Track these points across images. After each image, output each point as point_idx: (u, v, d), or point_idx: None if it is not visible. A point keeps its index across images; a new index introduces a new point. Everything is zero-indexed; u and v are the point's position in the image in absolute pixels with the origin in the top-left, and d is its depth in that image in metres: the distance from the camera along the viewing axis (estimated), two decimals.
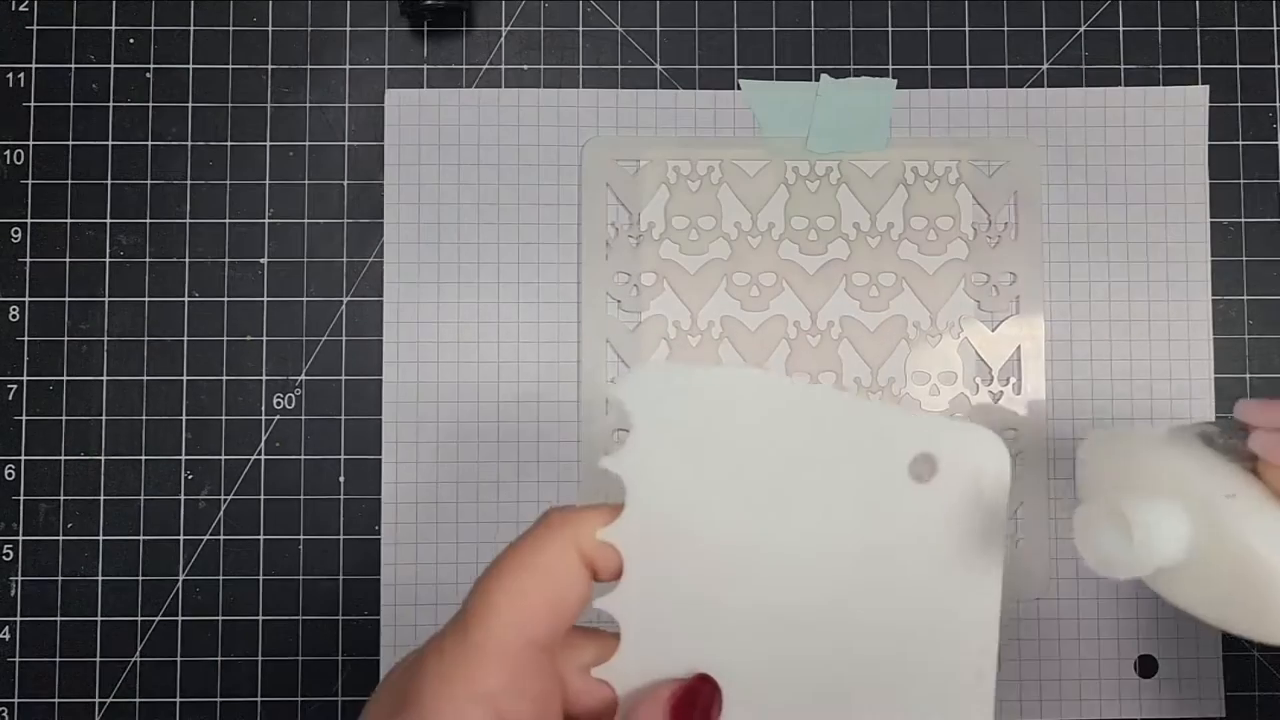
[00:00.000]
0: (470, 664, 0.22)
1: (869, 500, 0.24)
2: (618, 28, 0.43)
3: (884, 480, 0.24)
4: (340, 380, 0.42)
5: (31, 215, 0.43)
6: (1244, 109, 0.43)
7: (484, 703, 0.22)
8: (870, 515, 0.24)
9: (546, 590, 0.23)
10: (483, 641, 0.22)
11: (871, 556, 0.24)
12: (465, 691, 0.22)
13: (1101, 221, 0.43)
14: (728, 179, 0.43)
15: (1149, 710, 0.41)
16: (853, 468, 0.24)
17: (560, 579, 0.23)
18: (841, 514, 0.24)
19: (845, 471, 0.24)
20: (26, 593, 0.42)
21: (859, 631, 0.25)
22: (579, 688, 0.24)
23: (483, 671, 0.22)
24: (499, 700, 0.22)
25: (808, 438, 0.24)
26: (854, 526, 0.24)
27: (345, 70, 0.43)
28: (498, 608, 0.22)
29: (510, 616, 0.22)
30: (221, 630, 0.41)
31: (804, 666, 0.25)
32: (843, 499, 0.24)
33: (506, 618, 0.22)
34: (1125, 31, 0.43)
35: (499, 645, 0.22)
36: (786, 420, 0.24)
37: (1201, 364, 0.42)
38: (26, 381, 0.42)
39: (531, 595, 0.23)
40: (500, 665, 0.22)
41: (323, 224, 0.43)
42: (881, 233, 0.42)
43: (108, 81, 0.43)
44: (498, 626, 0.22)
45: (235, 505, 0.42)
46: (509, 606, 0.23)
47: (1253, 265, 0.43)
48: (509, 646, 0.22)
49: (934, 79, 0.43)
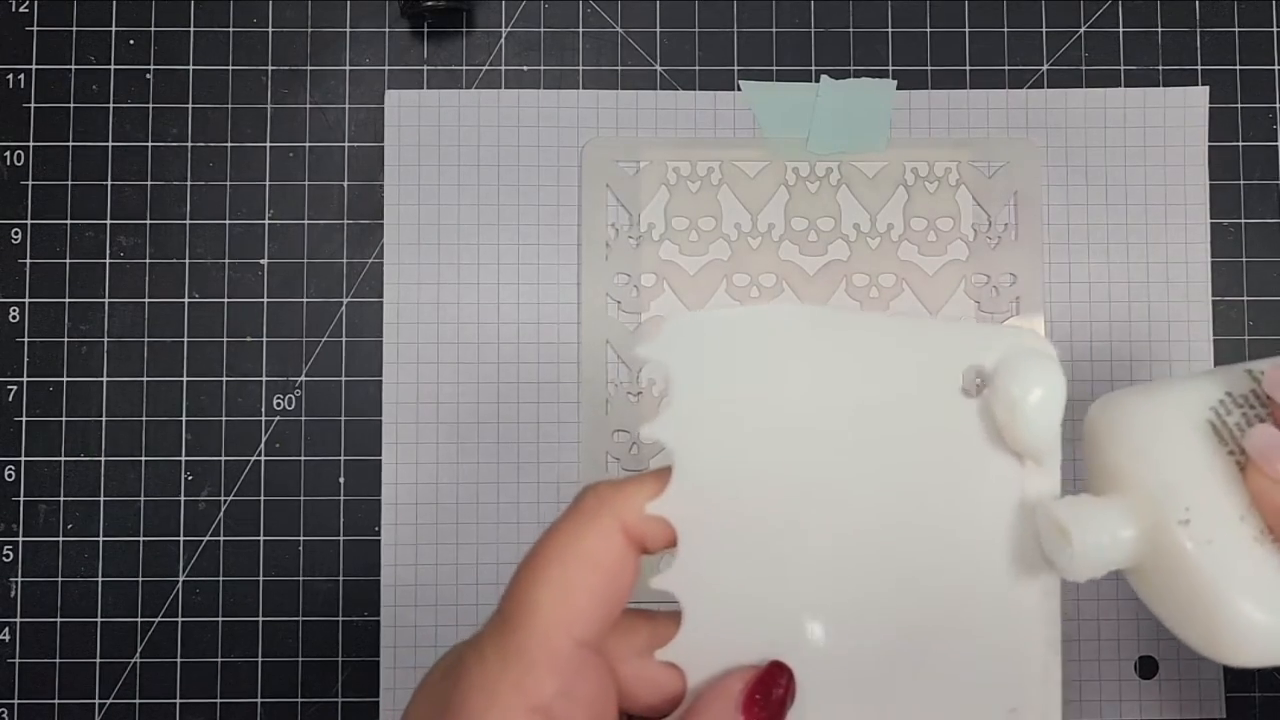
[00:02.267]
0: (517, 672, 0.20)
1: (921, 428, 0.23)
2: (618, 29, 0.43)
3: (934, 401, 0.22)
4: (340, 381, 0.42)
5: (31, 216, 0.43)
6: (1244, 110, 0.43)
7: (537, 714, 0.20)
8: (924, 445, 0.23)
9: (593, 581, 0.21)
10: (528, 646, 0.20)
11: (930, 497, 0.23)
12: (515, 702, 0.20)
13: (1102, 222, 0.43)
14: (728, 180, 0.43)
15: (1149, 711, 0.41)
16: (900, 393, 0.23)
17: (607, 566, 0.21)
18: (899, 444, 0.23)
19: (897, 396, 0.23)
20: (26, 594, 0.42)
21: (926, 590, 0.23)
22: (634, 675, 0.22)
23: (533, 680, 0.20)
24: (553, 710, 0.20)
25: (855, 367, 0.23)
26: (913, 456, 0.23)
27: (345, 71, 0.43)
28: (541, 607, 0.20)
29: (556, 616, 0.20)
30: (221, 631, 0.41)
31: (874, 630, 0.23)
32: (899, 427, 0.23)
33: (552, 617, 0.20)
34: (1125, 32, 0.43)
35: (546, 649, 0.20)
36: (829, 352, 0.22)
37: (1202, 365, 0.42)
38: (26, 382, 0.42)
39: (577, 589, 0.21)
40: (550, 672, 0.20)
41: (323, 225, 0.43)
42: (881, 234, 0.42)
43: (108, 82, 0.43)
44: (543, 628, 0.20)
45: (235, 506, 0.42)
46: (554, 604, 0.20)
47: (1253, 266, 0.43)
48: (558, 650, 0.20)
49: (934, 80, 0.43)
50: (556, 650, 0.20)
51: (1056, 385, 0.22)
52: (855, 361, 0.23)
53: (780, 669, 0.22)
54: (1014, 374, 0.22)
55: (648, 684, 0.22)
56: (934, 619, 0.23)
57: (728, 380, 0.22)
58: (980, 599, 0.23)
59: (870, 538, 0.23)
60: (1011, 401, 0.22)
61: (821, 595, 0.23)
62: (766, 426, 0.22)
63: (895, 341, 0.23)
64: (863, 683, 0.23)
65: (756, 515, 0.22)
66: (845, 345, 0.23)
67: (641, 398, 0.42)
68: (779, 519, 0.22)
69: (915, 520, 0.23)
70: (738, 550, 0.22)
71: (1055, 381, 0.22)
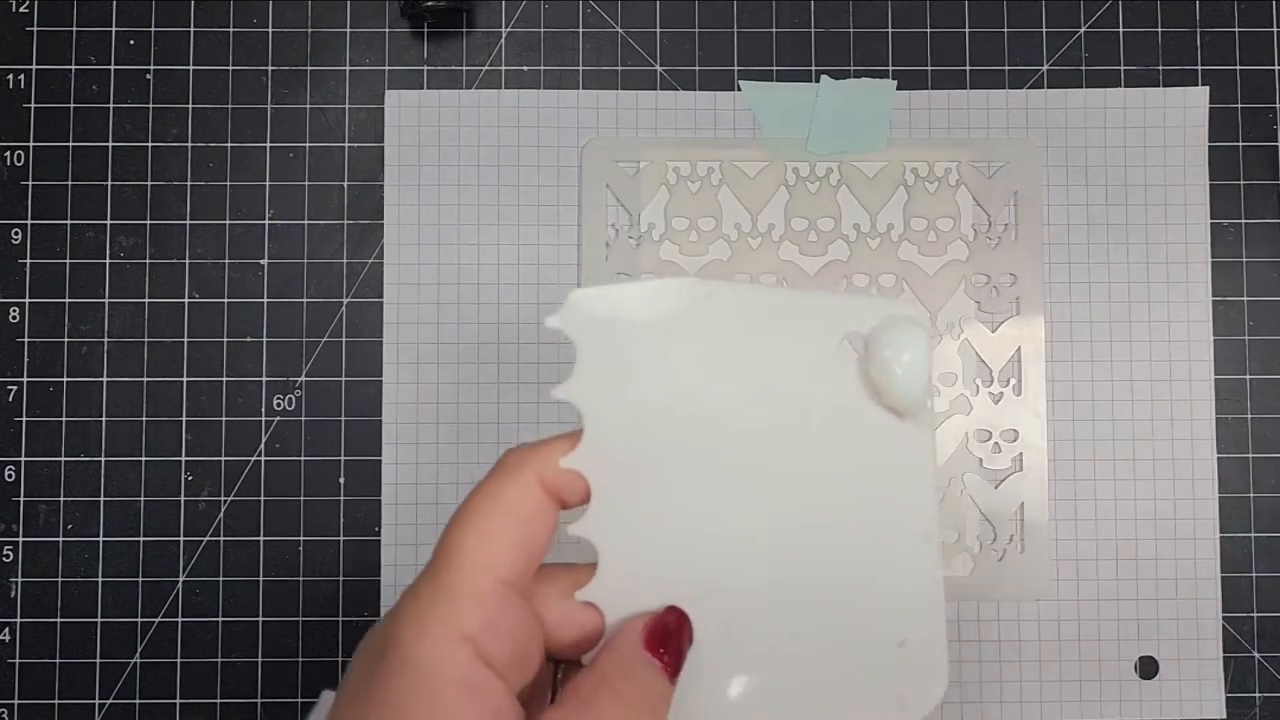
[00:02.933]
0: (444, 606, 0.22)
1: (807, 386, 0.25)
2: (618, 29, 0.43)
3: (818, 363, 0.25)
4: (340, 381, 0.42)
5: (32, 216, 0.43)
6: (1244, 110, 0.43)
7: (463, 643, 0.22)
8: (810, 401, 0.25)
9: (514, 529, 0.23)
10: (455, 583, 0.22)
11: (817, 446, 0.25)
12: (444, 633, 0.22)
13: (1102, 223, 0.43)
14: (728, 180, 0.43)
15: (1150, 712, 0.41)
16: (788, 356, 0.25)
17: (526, 515, 0.23)
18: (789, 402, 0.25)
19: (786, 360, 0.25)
20: (26, 594, 0.42)
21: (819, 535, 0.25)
22: (557, 618, 0.24)
23: (459, 613, 0.22)
24: (479, 641, 0.22)
25: (747, 334, 0.25)
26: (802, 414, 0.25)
27: (345, 71, 0.43)
28: (466, 549, 0.23)
29: (480, 558, 0.23)
30: (221, 631, 0.41)
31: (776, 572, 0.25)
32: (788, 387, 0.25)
33: (475, 559, 0.23)
34: (1125, 33, 0.43)
35: (471, 587, 0.22)
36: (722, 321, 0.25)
37: (1202, 365, 0.42)
38: (27, 383, 0.42)
39: (499, 536, 0.23)
40: (475, 606, 0.22)
41: (323, 225, 0.43)
42: (882, 234, 0.42)
43: (108, 82, 0.43)
44: (468, 568, 0.23)
45: (235, 506, 0.42)
46: (477, 548, 0.23)
47: (1253, 266, 0.43)
48: (482, 588, 0.22)
49: (934, 80, 0.43)
50: (480, 588, 0.22)
51: (922, 349, 0.25)
52: (747, 329, 0.25)
53: (675, 611, 0.24)
54: (886, 340, 0.25)
55: (570, 624, 0.24)
56: (828, 561, 0.25)
57: (627, 347, 0.25)
58: (868, 542, 0.26)
59: (767, 486, 0.25)
60: (884, 364, 0.25)
61: (725, 541, 0.25)
62: (667, 388, 0.25)
63: (784, 311, 0.26)
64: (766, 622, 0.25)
65: (663, 467, 0.25)
66: (737, 314, 0.25)
67: None
68: (684, 471, 0.25)
69: (807, 470, 0.25)
70: (647, 499, 0.25)
71: (921, 345, 0.25)
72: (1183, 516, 0.42)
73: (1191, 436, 0.42)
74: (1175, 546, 0.42)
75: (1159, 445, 0.42)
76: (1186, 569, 0.42)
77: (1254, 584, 0.42)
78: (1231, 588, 0.42)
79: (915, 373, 0.25)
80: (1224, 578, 0.42)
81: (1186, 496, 0.42)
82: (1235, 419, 0.42)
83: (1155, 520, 0.42)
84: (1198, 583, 0.42)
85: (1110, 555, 0.42)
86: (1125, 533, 0.42)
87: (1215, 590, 0.42)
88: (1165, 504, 0.42)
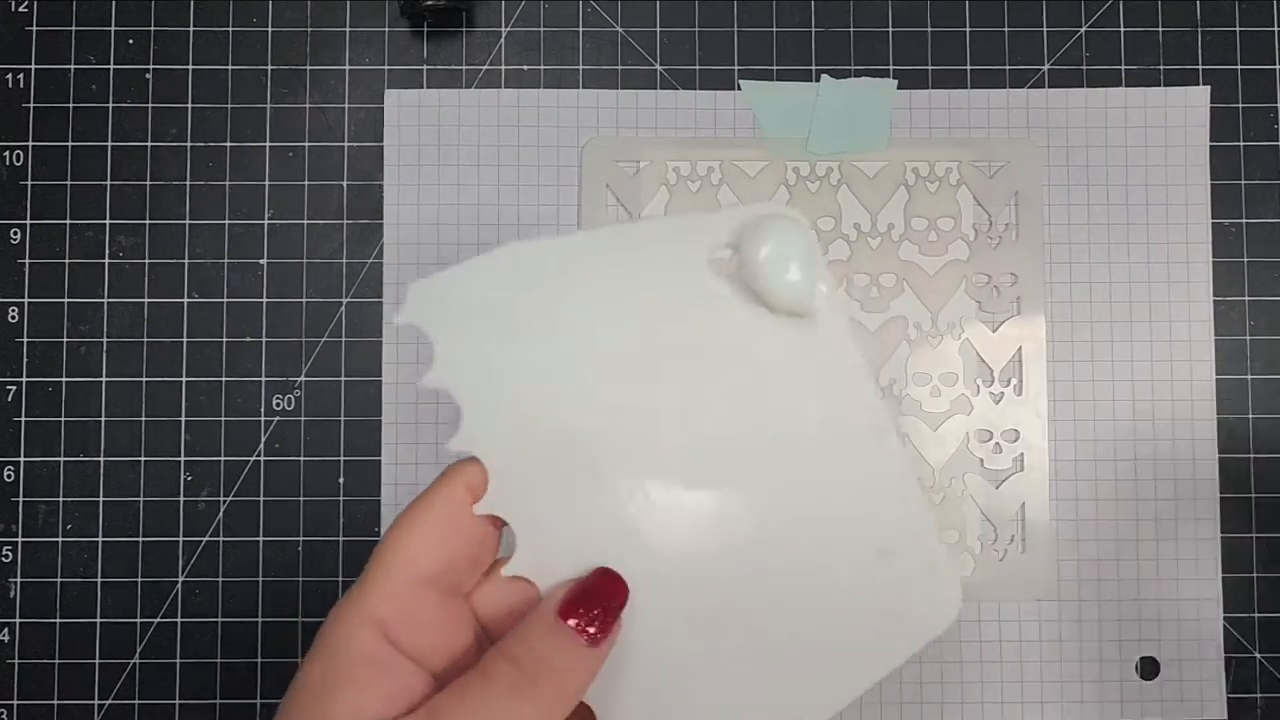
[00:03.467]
0: (358, 593, 0.24)
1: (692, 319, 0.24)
2: (618, 28, 0.43)
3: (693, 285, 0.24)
4: (340, 381, 0.42)
5: (31, 216, 0.42)
6: (1245, 110, 0.43)
7: (372, 627, 0.24)
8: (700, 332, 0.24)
9: (433, 527, 0.25)
10: (370, 578, 0.25)
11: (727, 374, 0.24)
12: (355, 618, 0.24)
13: (1103, 222, 0.43)
14: (728, 180, 0.43)
15: (1151, 713, 0.41)
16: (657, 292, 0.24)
17: (447, 515, 0.25)
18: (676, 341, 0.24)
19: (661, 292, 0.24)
20: (26, 594, 0.41)
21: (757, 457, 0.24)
22: (491, 602, 0.26)
23: (371, 601, 0.24)
24: (389, 627, 0.24)
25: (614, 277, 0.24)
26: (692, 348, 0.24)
27: (345, 71, 0.43)
28: (386, 549, 0.25)
29: (397, 555, 0.25)
30: (221, 632, 0.41)
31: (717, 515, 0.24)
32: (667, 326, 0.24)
33: (394, 556, 0.25)
34: (1126, 32, 0.43)
35: (386, 579, 0.24)
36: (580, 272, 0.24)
37: (1203, 365, 0.42)
38: (26, 383, 0.42)
39: (417, 534, 0.25)
40: (386, 596, 0.24)
41: (322, 225, 0.43)
42: (882, 234, 0.42)
43: (107, 82, 0.43)
44: (386, 565, 0.25)
45: (235, 506, 0.42)
46: (395, 547, 0.25)
47: (1254, 266, 0.43)
48: (397, 580, 0.24)
49: (935, 79, 0.43)
50: (396, 581, 0.24)
51: (787, 238, 0.23)
52: (613, 272, 0.24)
53: (606, 575, 0.25)
54: (748, 240, 0.23)
55: (503, 604, 0.26)
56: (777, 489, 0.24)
57: (485, 324, 0.24)
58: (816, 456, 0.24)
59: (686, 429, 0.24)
60: (753, 265, 0.23)
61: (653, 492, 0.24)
62: (543, 351, 0.24)
63: (645, 243, 0.24)
64: (715, 571, 0.24)
65: (556, 430, 0.24)
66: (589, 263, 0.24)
67: None
68: (581, 429, 0.24)
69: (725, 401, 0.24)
70: (547, 463, 0.24)
71: (785, 235, 0.23)
72: (1184, 516, 0.42)
73: (1193, 436, 0.42)
74: (1177, 547, 0.42)
75: (1160, 445, 0.42)
76: (1188, 569, 0.42)
77: (1255, 584, 0.42)
78: (1233, 588, 0.42)
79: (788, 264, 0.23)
80: (1225, 578, 0.42)
81: (1188, 497, 0.42)
82: (1236, 419, 0.42)
83: (1156, 520, 0.42)
84: (1199, 583, 0.42)
85: (1111, 555, 0.42)
86: (1126, 533, 0.42)
87: (1216, 591, 0.42)
88: (1166, 504, 0.42)
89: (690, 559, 0.24)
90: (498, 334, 0.24)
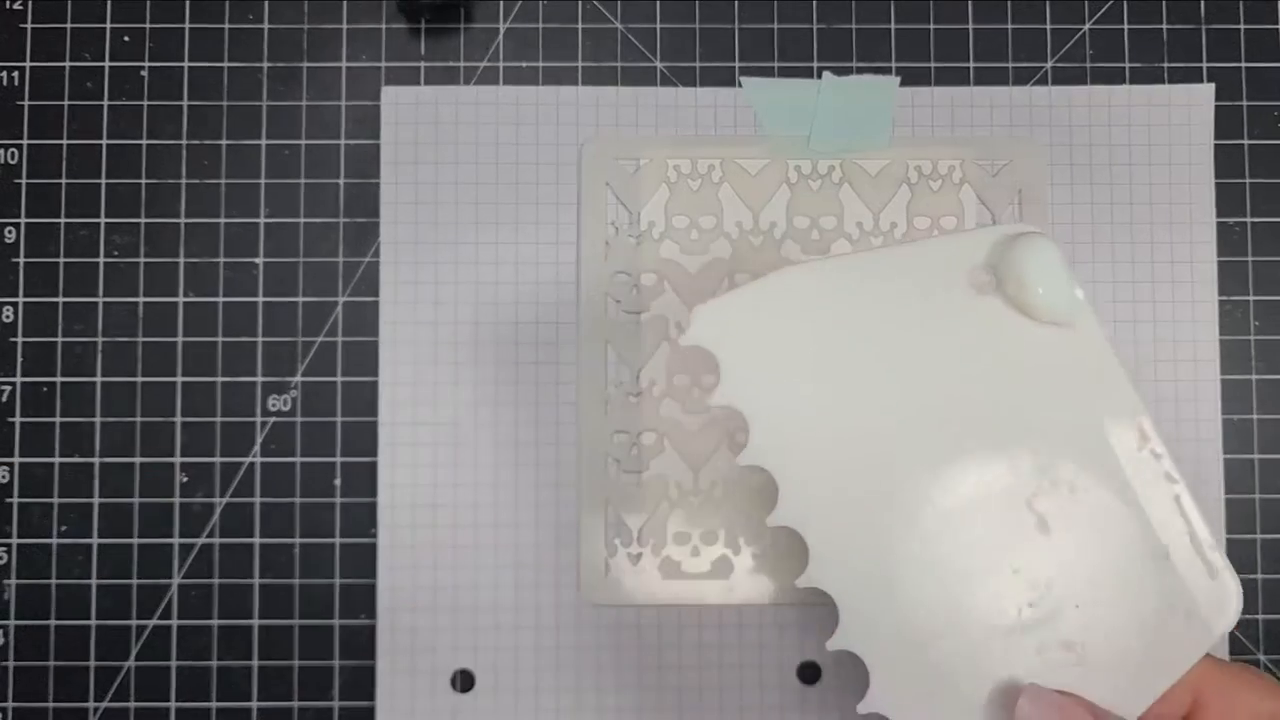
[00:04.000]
0: None
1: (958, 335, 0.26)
2: (617, 25, 0.43)
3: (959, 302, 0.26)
4: (336, 382, 0.42)
5: (25, 215, 0.42)
6: (1250, 108, 0.43)
7: None
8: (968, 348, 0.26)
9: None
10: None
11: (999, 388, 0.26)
12: None
13: (1106, 221, 0.42)
14: (729, 178, 0.42)
15: None
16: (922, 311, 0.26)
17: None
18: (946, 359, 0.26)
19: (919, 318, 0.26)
20: (20, 596, 0.41)
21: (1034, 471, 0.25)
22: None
23: None
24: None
25: (873, 300, 0.26)
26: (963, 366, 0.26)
27: (341, 68, 0.43)
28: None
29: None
30: (217, 634, 0.41)
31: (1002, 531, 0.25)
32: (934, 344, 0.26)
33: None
34: (1130, 30, 0.43)
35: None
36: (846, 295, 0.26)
37: (1208, 365, 0.42)
38: (20, 383, 0.42)
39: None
40: None
41: (319, 223, 0.42)
42: (885, 232, 0.42)
43: (102, 80, 0.43)
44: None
45: (230, 508, 0.41)
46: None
47: (1259, 265, 0.42)
48: None
49: (937, 77, 0.43)
50: None
51: (1042, 255, 0.25)
52: (879, 289, 0.26)
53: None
54: (1005, 259, 0.25)
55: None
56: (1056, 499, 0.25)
57: (764, 344, 0.26)
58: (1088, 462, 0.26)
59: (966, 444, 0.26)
60: (1014, 283, 0.25)
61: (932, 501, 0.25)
62: (818, 371, 0.26)
63: (897, 270, 0.26)
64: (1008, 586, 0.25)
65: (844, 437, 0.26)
66: (856, 285, 0.26)
67: (641, 398, 0.41)
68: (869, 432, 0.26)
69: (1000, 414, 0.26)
70: (838, 471, 0.26)
71: (1043, 249, 0.25)
72: None
73: (1197, 437, 0.42)
74: None
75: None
76: None
77: (1260, 586, 0.42)
78: None
79: (1054, 276, 0.25)
80: None
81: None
82: (1241, 420, 0.42)
83: None
84: None
85: None
86: None
87: None
88: None
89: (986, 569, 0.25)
90: (778, 354, 0.26)
